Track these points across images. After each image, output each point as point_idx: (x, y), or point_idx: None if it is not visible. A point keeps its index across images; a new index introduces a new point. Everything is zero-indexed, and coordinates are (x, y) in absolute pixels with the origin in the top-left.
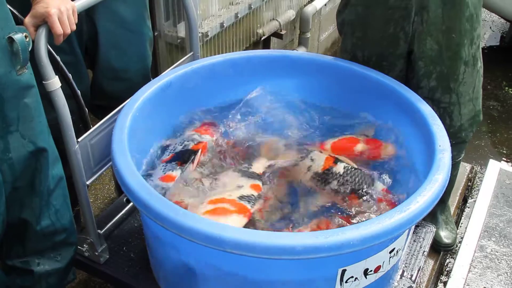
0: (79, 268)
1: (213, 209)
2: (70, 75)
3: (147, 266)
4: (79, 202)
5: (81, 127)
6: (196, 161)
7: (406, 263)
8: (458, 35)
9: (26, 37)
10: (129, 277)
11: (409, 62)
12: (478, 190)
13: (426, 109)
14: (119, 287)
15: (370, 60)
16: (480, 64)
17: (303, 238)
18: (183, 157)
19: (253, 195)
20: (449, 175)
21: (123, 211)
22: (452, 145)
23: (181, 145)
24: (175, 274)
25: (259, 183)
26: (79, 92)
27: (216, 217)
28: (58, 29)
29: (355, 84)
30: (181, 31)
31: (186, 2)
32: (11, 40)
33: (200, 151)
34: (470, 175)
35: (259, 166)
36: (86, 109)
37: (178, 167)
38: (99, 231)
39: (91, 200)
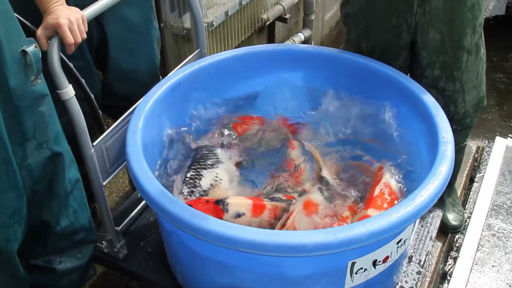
0: (99, 263)
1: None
2: (83, 80)
3: (165, 260)
4: (97, 202)
5: (95, 128)
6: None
7: (414, 248)
8: (460, 25)
9: (35, 47)
10: (148, 271)
11: (412, 52)
12: (486, 164)
13: (429, 100)
14: (139, 281)
15: (374, 51)
16: (483, 51)
17: (313, 236)
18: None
19: (280, 197)
20: (453, 166)
21: (139, 207)
22: (457, 131)
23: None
24: (192, 269)
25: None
26: (92, 95)
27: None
28: (69, 38)
29: (360, 76)
30: (187, 21)
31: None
32: (24, 53)
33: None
34: (476, 155)
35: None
36: (100, 111)
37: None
38: (116, 228)
39: (106, 194)
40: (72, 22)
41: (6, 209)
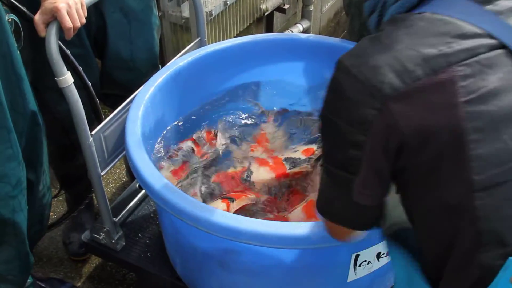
0: (97, 255)
1: (258, 158)
2: (81, 68)
3: (163, 251)
4: (94, 193)
5: (93, 117)
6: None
7: None
8: None
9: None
10: (146, 263)
11: None
12: None
13: None
14: (137, 273)
15: None
16: None
17: (318, 228)
18: None
19: (299, 158)
20: None
21: (137, 198)
22: None
23: None
24: (192, 261)
25: (314, 147)
26: (90, 84)
27: (254, 164)
28: (68, 23)
29: None
30: (185, 10)
31: None
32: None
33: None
34: None
35: None
36: (98, 99)
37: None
38: (114, 219)
39: (103, 185)
40: (70, 6)
41: (10, 179)
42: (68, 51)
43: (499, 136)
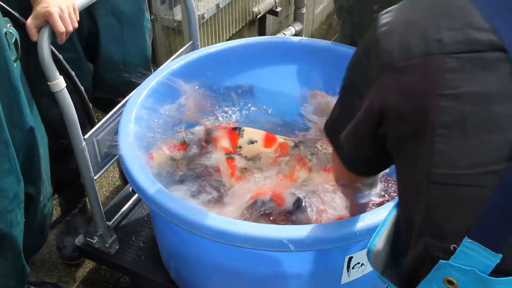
0: (90, 258)
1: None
2: (73, 73)
3: (157, 255)
4: (88, 197)
5: (85, 121)
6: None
7: None
8: None
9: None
10: (140, 266)
11: None
12: None
13: None
14: (131, 276)
15: None
16: None
17: (312, 230)
18: None
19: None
20: None
21: (130, 201)
22: None
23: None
24: (186, 264)
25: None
26: (82, 88)
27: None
28: (60, 27)
29: None
30: (178, 14)
31: None
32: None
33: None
34: None
35: None
36: (90, 104)
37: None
38: (108, 223)
39: (96, 188)
40: (63, 10)
41: (7, 193)
42: (60, 56)
43: (464, 140)
